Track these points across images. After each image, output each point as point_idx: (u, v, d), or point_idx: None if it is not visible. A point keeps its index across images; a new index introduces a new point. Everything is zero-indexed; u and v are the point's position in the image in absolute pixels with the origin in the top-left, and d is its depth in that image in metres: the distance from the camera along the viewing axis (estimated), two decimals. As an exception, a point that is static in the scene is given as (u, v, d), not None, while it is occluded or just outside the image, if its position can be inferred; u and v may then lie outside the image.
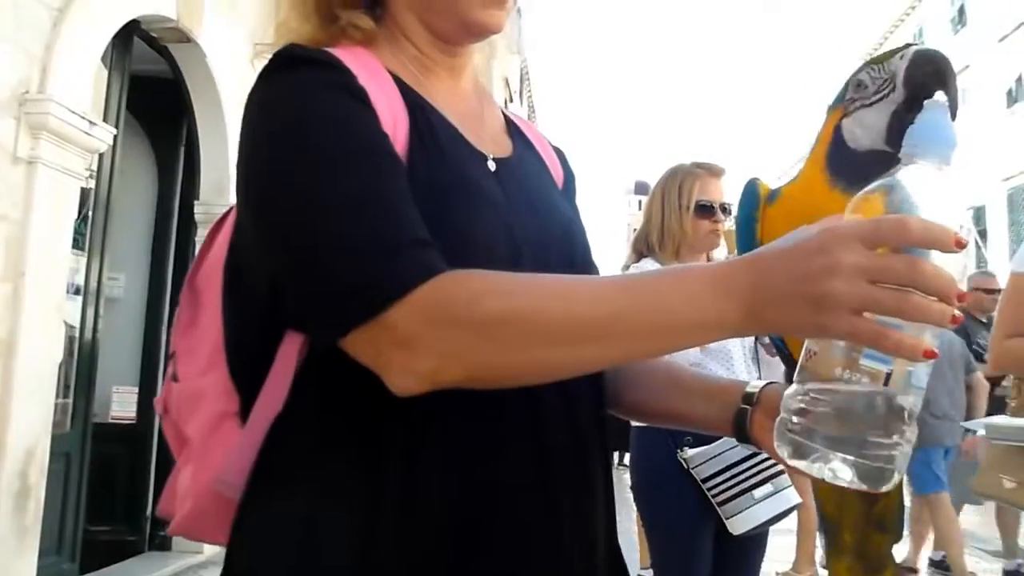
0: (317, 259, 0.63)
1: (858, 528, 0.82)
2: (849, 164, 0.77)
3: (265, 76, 0.71)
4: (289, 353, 0.70)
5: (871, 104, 0.75)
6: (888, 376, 0.55)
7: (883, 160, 0.71)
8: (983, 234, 18.97)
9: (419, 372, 0.61)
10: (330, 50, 0.73)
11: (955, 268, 0.54)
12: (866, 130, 0.76)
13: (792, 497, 2.10)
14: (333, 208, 0.64)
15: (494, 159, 0.79)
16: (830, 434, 0.56)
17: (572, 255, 0.80)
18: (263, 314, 0.71)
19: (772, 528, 2.14)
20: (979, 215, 18.97)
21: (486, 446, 0.69)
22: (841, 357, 0.56)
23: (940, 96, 0.60)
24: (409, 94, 0.75)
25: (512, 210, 0.75)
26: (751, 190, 0.86)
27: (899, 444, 0.56)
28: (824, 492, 0.85)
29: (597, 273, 0.86)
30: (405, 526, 0.66)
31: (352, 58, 0.73)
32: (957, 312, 0.53)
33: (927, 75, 0.70)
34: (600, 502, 0.78)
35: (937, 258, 0.53)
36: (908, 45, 0.76)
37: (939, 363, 0.60)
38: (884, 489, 0.57)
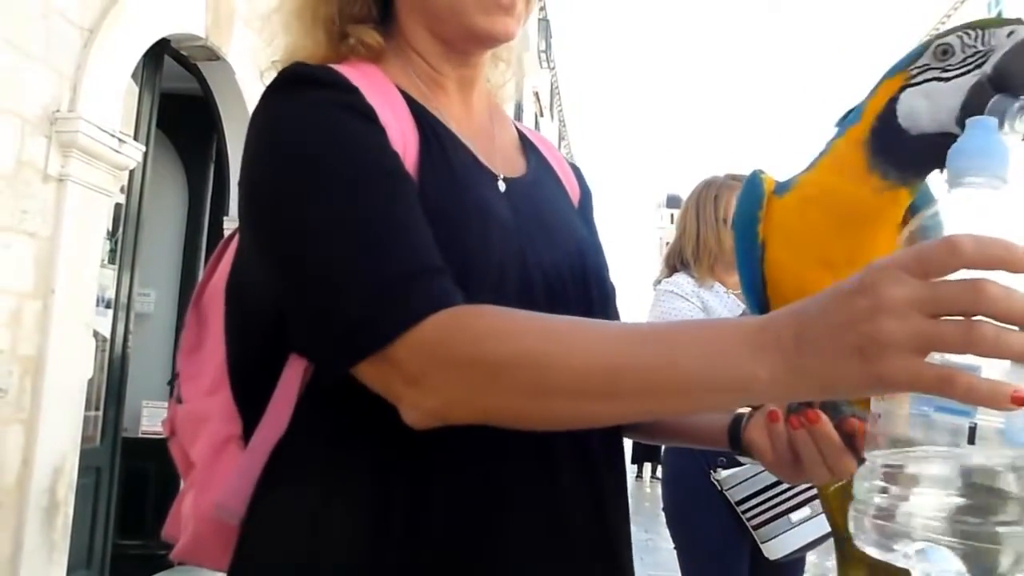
0: (321, 288, 0.61)
1: None
2: (899, 148, 0.63)
3: (269, 96, 0.69)
4: (292, 377, 0.68)
5: (950, 77, 0.60)
6: (972, 431, 0.44)
7: (945, 149, 0.57)
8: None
9: (427, 410, 0.59)
10: (337, 67, 0.71)
11: None
12: (933, 107, 0.61)
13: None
14: (339, 235, 0.62)
15: (504, 179, 0.76)
16: (916, 514, 0.45)
17: (586, 276, 0.77)
18: (266, 336, 0.68)
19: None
20: None
21: (492, 481, 0.66)
22: (911, 415, 0.46)
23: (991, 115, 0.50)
24: (419, 111, 0.73)
25: (523, 231, 0.72)
26: (753, 183, 0.73)
27: (1003, 518, 0.44)
28: (832, 502, 0.79)
29: (613, 293, 0.83)
30: (407, 561, 0.63)
31: (360, 75, 0.71)
32: None
33: None
34: (617, 523, 0.75)
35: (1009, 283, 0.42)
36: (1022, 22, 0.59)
37: None
38: None
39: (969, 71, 0.59)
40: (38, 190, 3.15)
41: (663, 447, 2.16)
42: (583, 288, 0.76)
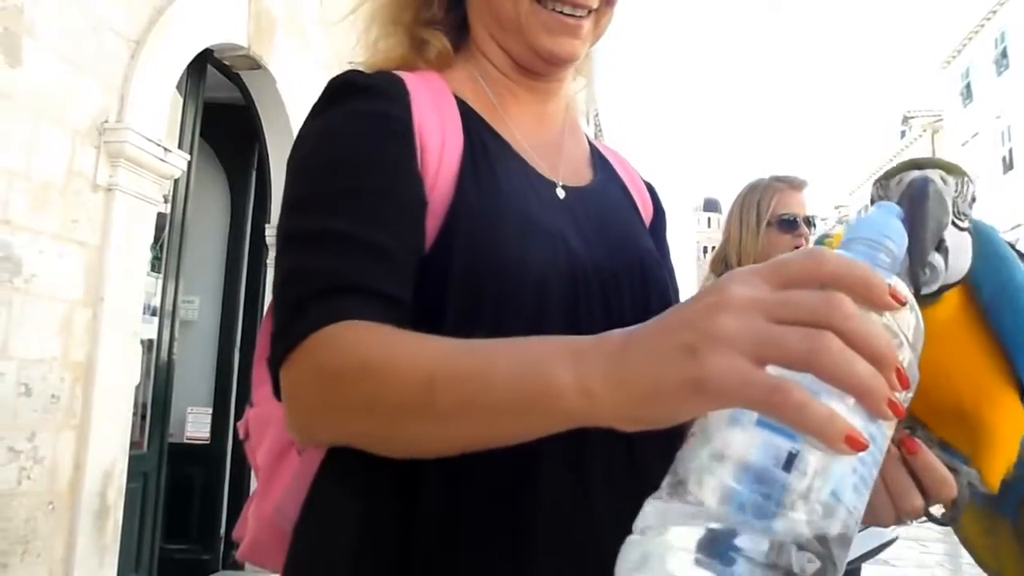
0: (276, 299, 0.64)
1: None
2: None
3: (313, 106, 0.71)
4: None
5: None
6: (791, 457, 0.37)
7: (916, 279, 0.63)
8: None
9: (297, 428, 0.61)
10: (400, 73, 0.73)
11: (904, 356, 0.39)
12: None
13: (886, 532, 1.95)
14: (296, 247, 0.64)
15: (564, 187, 0.76)
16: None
17: (647, 287, 0.76)
18: None
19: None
20: None
21: (522, 495, 0.64)
22: (728, 430, 0.39)
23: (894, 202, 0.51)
24: (472, 121, 0.73)
25: (580, 239, 0.72)
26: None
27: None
28: (977, 543, 0.77)
29: None
30: (445, 565, 0.62)
31: (421, 83, 0.72)
32: (898, 398, 0.36)
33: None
34: None
35: None
36: (917, 165, 0.62)
37: None
38: None
39: None
40: (88, 199, 3.21)
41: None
42: (643, 299, 0.74)
